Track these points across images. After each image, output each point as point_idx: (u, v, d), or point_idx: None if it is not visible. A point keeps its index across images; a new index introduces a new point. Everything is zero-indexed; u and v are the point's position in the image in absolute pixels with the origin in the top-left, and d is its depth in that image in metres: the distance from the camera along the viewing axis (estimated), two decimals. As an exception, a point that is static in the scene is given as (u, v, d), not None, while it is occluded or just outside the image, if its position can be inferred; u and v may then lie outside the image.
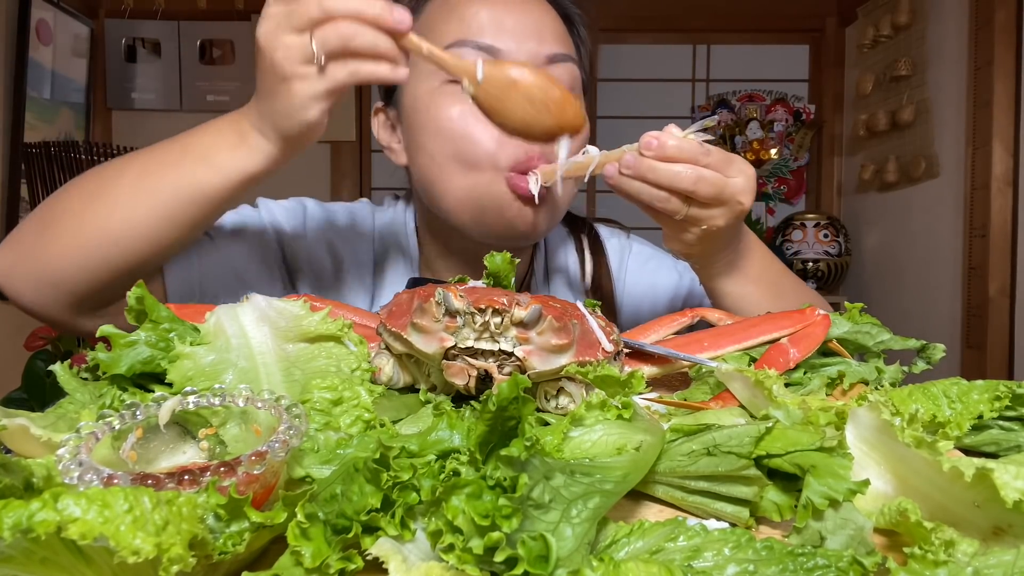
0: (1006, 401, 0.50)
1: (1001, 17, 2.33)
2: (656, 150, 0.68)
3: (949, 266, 2.62)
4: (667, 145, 0.67)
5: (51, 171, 2.52)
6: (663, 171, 0.68)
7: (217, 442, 0.43)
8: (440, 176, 0.87)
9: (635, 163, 0.69)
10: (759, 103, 3.54)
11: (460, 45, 0.84)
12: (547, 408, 0.56)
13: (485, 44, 0.84)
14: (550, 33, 0.88)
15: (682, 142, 0.68)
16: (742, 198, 0.71)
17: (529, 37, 0.86)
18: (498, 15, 0.86)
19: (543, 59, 0.86)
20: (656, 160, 0.68)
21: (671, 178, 0.68)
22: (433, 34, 0.87)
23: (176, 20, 3.29)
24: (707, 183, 0.69)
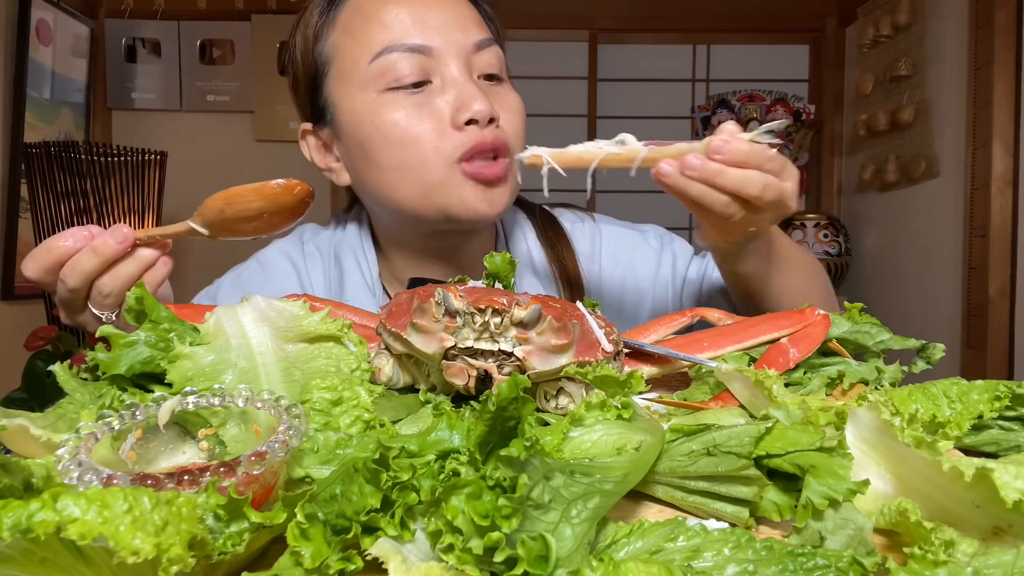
0: (1006, 401, 0.50)
1: (1001, 17, 2.33)
2: (727, 155, 0.65)
3: (949, 266, 2.62)
4: (737, 150, 0.65)
5: (51, 171, 2.52)
6: (731, 176, 0.65)
7: (217, 442, 0.43)
8: (396, 185, 0.87)
9: (701, 166, 0.65)
10: (759, 103, 3.54)
11: (390, 51, 0.84)
12: (547, 408, 0.56)
13: (416, 44, 0.84)
14: (470, 21, 0.88)
15: (750, 146, 0.65)
16: (790, 203, 0.70)
17: (453, 29, 0.86)
18: (419, 13, 0.86)
19: (471, 47, 0.87)
20: (725, 164, 0.65)
21: (739, 184, 0.65)
22: (356, 42, 0.86)
23: (176, 20, 3.29)
24: (772, 190, 0.67)
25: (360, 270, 0.97)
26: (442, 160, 0.84)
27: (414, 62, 0.84)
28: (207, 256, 2.54)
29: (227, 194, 0.71)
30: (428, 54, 0.85)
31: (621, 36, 3.46)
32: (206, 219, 0.71)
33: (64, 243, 0.70)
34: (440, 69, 0.85)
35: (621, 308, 1.01)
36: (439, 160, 0.84)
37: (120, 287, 0.71)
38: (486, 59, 0.88)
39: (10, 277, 2.70)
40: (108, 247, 0.69)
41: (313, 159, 0.96)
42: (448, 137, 0.83)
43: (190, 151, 3.18)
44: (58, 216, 2.55)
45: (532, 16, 3.26)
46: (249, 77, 3.32)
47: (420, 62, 0.84)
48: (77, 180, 2.54)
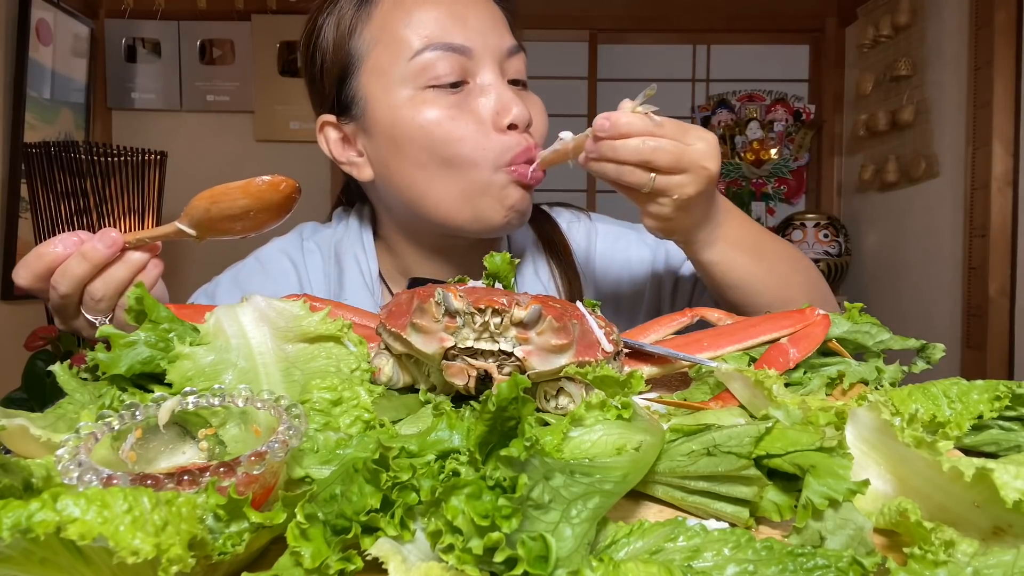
0: (1006, 401, 0.50)
1: (1001, 17, 2.33)
2: (609, 130, 0.70)
3: (949, 266, 2.62)
4: (619, 123, 0.70)
5: (51, 171, 2.52)
6: (621, 148, 0.70)
7: (216, 442, 0.43)
8: (430, 183, 0.87)
9: (596, 147, 0.72)
10: (759, 103, 3.54)
11: (431, 49, 0.84)
12: (547, 408, 0.56)
13: (455, 44, 0.85)
14: (503, 26, 0.90)
15: (632, 117, 0.70)
16: (706, 163, 0.72)
17: (489, 30, 0.87)
18: (459, 12, 0.87)
19: (505, 52, 0.88)
20: (611, 139, 0.70)
21: (629, 153, 0.70)
22: (394, 37, 0.86)
23: (176, 20, 3.29)
24: (664, 151, 0.70)
25: (359, 268, 0.97)
26: (488, 162, 0.85)
27: (453, 62, 0.85)
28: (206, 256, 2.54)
29: (212, 193, 0.70)
30: (467, 55, 0.85)
31: (621, 36, 3.46)
32: (193, 219, 0.71)
33: (54, 250, 0.70)
34: (478, 71, 0.86)
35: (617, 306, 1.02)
36: (485, 162, 0.85)
37: (112, 291, 0.71)
38: (515, 65, 0.90)
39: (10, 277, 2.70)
40: (97, 252, 0.69)
41: (331, 151, 0.95)
42: (492, 139, 0.84)
43: (190, 151, 3.18)
44: (58, 216, 2.55)
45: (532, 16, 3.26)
46: (249, 77, 3.32)
47: (459, 62, 0.85)
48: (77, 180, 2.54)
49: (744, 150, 3.53)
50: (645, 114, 0.70)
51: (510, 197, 0.87)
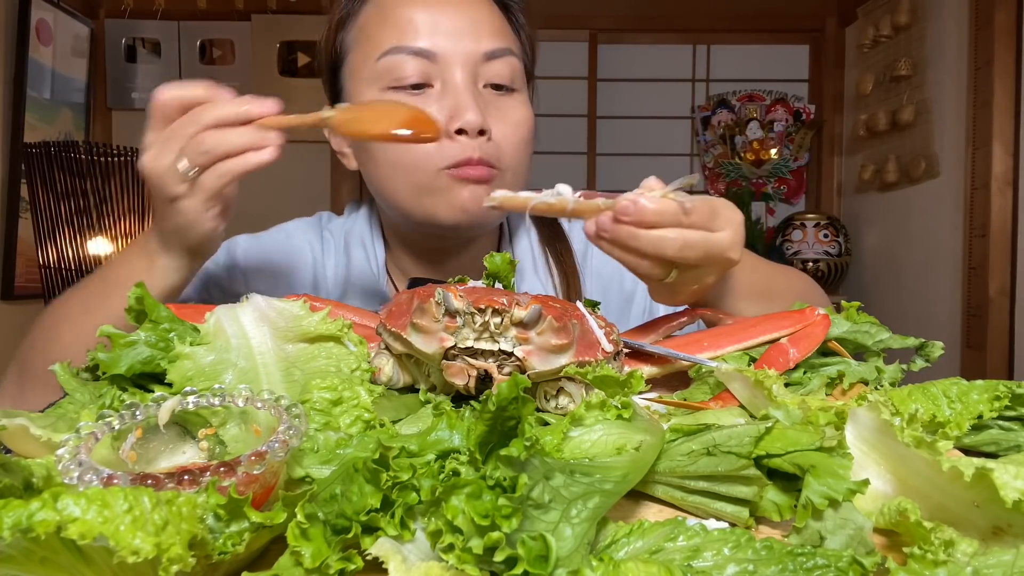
0: (1006, 401, 0.50)
1: (1001, 17, 2.33)
2: (634, 215, 0.59)
3: (949, 266, 2.62)
4: (646, 210, 0.59)
5: (51, 171, 2.52)
6: (645, 239, 0.60)
7: (217, 442, 0.43)
8: (388, 179, 0.89)
9: (613, 229, 0.60)
10: (759, 103, 3.54)
11: (395, 52, 0.86)
12: (547, 408, 0.56)
13: (420, 48, 0.85)
14: (486, 29, 0.88)
15: (662, 204, 0.59)
16: (731, 254, 0.64)
17: (464, 36, 0.87)
18: (432, 17, 0.86)
19: (480, 56, 0.87)
20: (635, 227, 0.60)
21: (654, 246, 0.60)
22: (369, 38, 0.88)
23: (176, 20, 3.29)
24: (693, 248, 0.61)
25: (367, 258, 0.99)
26: (431, 165, 0.85)
27: (417, 65, 0.85)
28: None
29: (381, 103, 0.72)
30: (432, 59, 0.86)
31: (621, 36, 3.46)
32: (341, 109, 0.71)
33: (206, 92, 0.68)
34: (443, 75, 0.86)
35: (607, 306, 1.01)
36: (428, 164, 0.85)
37: (221, 150, 0.67)
38: (495, 69, 0.88)
39: (10, 277, 2.70)
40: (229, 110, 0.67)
41: (331, 141, 0.98)
42: (439, 145, 0.84)
43: (190, 151, 3.18)
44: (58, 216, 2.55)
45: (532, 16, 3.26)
46: (249, 77, 3.32)
47: (423, 66, 0.86)
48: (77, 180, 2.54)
49: (744, 150, 3.53)
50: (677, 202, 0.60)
51: (458, 197, 0.86)
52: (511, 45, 0.91)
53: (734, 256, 0.64)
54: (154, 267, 0.75)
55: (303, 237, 1.02)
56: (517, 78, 0.91)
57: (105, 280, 0.79)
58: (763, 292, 0.82)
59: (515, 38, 0.94)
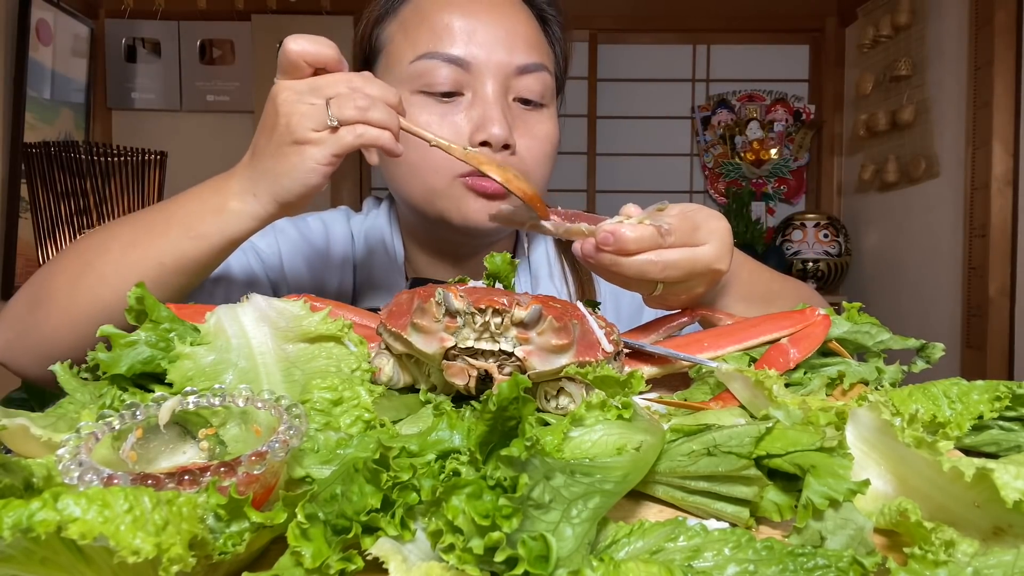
0: (1006, 401, 0.50)
1: (1001, 17, 2.33)
2: (614, 246, 0.63)
3: (949, 266, 2.62)
4: (625, 239, 0.62)
5: (51, 171, 2.52)
6: (627, 265, 0.63)
7: (217, 442, 0.43)
8: (405, 179, 0.90)
9: (596, 257, 0.64)
10: (759, 103, 3.54)
11: (429, 57, 0.86)
12: (547, 408, 0.56)
13: (454, 56, 0.85)
14: (522, 41, 0.88)
15: (640, 231, 0.62)
16: (716, 265, 0.66)
17: (499, 47, 0.86)
18: (469, 25, 0.86)
19: (513, 69, 0.87)
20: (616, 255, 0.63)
21: (636, 271, 0.64)
22: (406, 42, 0.88)
23: (176, 20, 3.29)
24: (676, 267, 0.64)
25: (387, 257, 0.99)
26: (449, 172, 0.86)
27: (450, 72, 0.86)
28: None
29: None
30: (466, 68, 0.86)
31: (621, 36, 3.46)
32: None
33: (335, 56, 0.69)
34: (474, 84, 0.86)
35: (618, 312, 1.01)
36: (446, 170, 0.86)
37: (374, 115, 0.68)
38: (526, 83, 0.88)
39: (10, 277, 2.70)
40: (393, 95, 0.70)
41: None
42: None
43: (190, 151, 3.18)
44: (58, 216, 2.55)
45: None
46: (249, 77, 3.32)
47: (456, 74, 0.86)
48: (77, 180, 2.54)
49: (744, 150, 3.53)
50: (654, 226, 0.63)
51: (469, 207, 0.87)
52: (545, 60, 0.91)
53: (720, 267, 0.66)
54: (226, 209, 0.72)
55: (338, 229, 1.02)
56: (547, 93, 0.91)
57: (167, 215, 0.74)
58: (762, 296, 0.82)
59: (549, 51, 0.93)
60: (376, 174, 3.40)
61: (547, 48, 0.93)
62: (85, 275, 0.74)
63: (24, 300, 0.79)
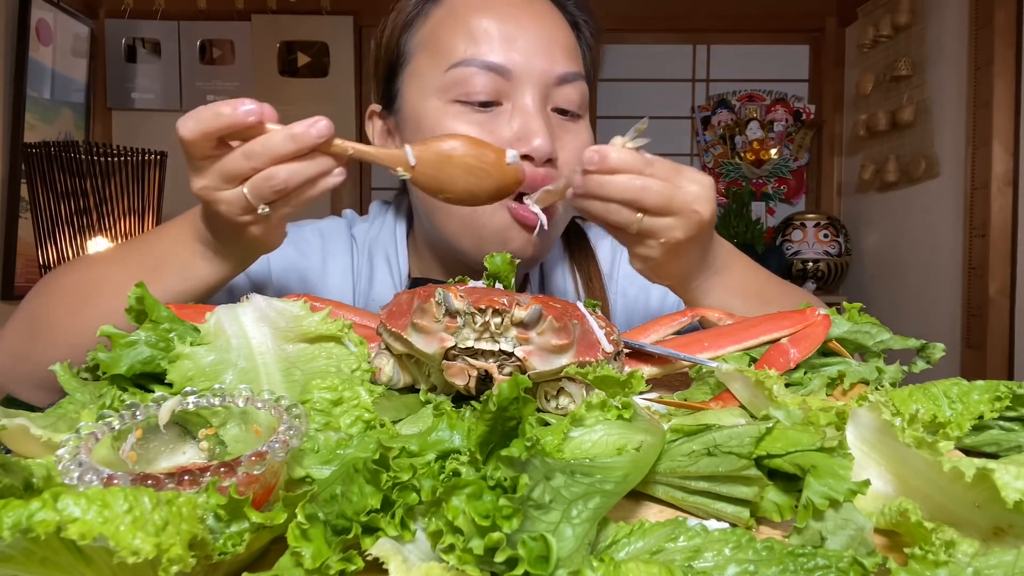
0: (1006, 401, 0.50)
1: (1001, 17, 2.33)
2: (598, 164, 0.66)
3: (949, 266, 2.62)
4: (608, 158, 0.66)
5: (51, 171, 2.52)
6: (608, 184, 0.66)
7: (217, 442, 0.43)
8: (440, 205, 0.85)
9: (582, 182, 0.67)
10: (759, 103, 3.54)
11: (467, 64, 0.82)
12: (547, 408, 0.56)
13: (494, 63, 0.82)
14: (561, 50, 0.85)
15: (623, 153, 0.66)
16: (697, 206, 0.68)
17: (539, 54, 0.83)
18: (508, 31, 0.82)
19: (554, 79, 0.84)
20: (600, 174, 0.66)
21: (616, 190, 0.67)
22: (439, 45, 0.84)
23: (176, 20, 3.29)
24: (652, 191, 0.66)
25: (391, 272, 0.97)
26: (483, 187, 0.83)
27: (489, 80, 0.82)
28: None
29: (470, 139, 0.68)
30: (506, 76, 0.82)
31: (621, 36, 3.46)
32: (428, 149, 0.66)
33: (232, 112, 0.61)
34: (514, 93, 0.83)
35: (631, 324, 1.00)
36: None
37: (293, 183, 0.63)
38: (566, 93, 0.86)
39: (10, 277, 2.70)
40: (308, 138, 0.62)
41: (375, 140, 0.95)
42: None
43: (190, 151, 3.18)
44: (58, 216, 2.55)
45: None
46: (249, 77, 3.32)
47: (495, 82, 0.82)
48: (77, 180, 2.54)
49: (744, 150, 3.53)
50: (636, 150, 0.67)
51: (513, 240, 0.84)
52: (581, 69, 0.88)
53: (701, 209, 0.68)
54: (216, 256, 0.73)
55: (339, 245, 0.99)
56: (584, 103, 0.88)
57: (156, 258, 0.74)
58: (757, 294, 0.81)
59: (582, 59, 0.90)
60: (376, 173, 3.40)
61: (580, 56, 0.90)
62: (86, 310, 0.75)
63: (22, 328, 0.79)
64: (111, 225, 2.60)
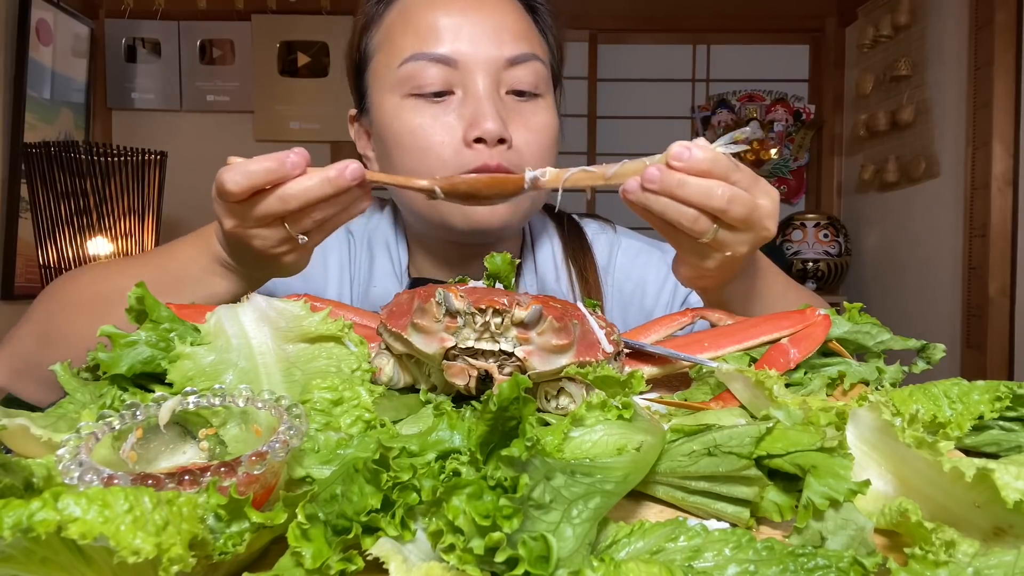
0: (1007, 402, 0.49)
1: (1001, 17, 2.33)
2: (687, 162, 0.59)
3: (949, 266, 2.62)
4: (699, 158, 0.59)
5: (51, 171, 2.52)
6: (694, 186, 0.60)
7: (217, 442, 0.43)
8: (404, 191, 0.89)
9: (661, 177, 0.60)
10: (759, 103, 3.54)
11: (416, 59, 0.85)
12: (547, 408, 0.56)
13: (441, 55, 0.84)
14: (509, 33, 0.87)
15: (715, 155, 0.60)
16: (768, 223, 0.64)
17: (486, 41, 0.85)
18: (454, 22, 0.85)
19: (503, 62, 0.86)
20: (686, 174, 0.60)
21: (703, 195, 0.60)
22: (392, 44, 0.87)
23: (176, 20, 3.29)
24: (740, 203, 0.61)
25: (391, 261, 0.99)
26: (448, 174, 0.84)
27: (438, 72, 0.84)
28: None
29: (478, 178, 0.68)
30: (454, 66, 0.85)
31: (621, 36, 3.46)
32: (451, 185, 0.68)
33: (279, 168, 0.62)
34: (464, 81, 0.85)
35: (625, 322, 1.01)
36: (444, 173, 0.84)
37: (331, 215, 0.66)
38: (518, 75, 0.87)
39: (10, 277, 2.70)
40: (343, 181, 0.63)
41: (356, 142, 0.98)
42: (458, 153, 0.83)
43: (190, 151, 3.18)
44: (58, 216, 2.55)
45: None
46: (249, 77, 3.32)
47: (444, 73, 0.85)
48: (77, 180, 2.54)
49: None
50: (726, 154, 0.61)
51: (475, 212, 0.86)
52: (535, 50, 0.89)
53: (771, 226, 0.64)
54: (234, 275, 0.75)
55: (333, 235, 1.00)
56: (541, 83, 0.90)
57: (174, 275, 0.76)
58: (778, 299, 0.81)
59: (541, 41, 0.92)
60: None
61: (538, 38, 0.92)
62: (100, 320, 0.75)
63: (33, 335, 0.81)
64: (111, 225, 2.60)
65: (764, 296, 0.81)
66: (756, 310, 0.79)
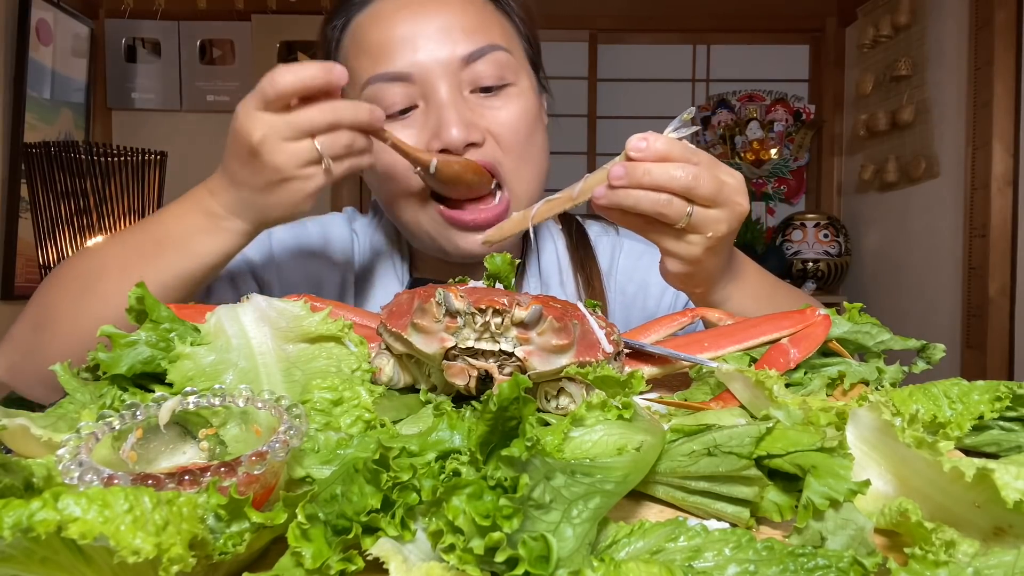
0: (1007, 402, 0.50)
1: (1001, 17, 2.33)
2: (646, 151, 0.62)
3: (949, 266, 2.62)
4: (656, 145, 0.63)
5: (51, 171, 2.52)
6: (658, 172, 0.63)
7: (217, 442, 0.43)
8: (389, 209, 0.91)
9: (627, 171, 0.63)
10: (759, 103, 3.54)
11: (374, 81, 0.84)
12: (547, 408, 0.56)
13: (395, 72, 0.83)
14: (460, 31, 0.84)
15: (670, 140, 0.64)
16: (739, 198, 0.66)
17: (437, 44, 0.83)
18: (402, 34, 0.83)
19: (458, 62, 0.83)
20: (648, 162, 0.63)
21: (669, 177, 0.63)
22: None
23: (176, 20, 3.29)
24: (705, 179, 0.63)
25: (392, 261, 0.99)
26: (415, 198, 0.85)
27: (398, 89, 0.83)
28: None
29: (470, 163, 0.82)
30: (410, 80, 0.83)
31: (621, 36, 3.46)
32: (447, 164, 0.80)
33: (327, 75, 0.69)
34: (425, 92, 0.83)
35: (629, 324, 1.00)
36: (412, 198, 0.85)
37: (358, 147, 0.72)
38: (479, 70, 0.84)
39: (10, 277, 2.70)
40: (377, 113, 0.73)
41: None
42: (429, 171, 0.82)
43: (190, 151, 3.18)
44: (58, 216, 2.55)
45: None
46: (249, 77, 3.32)
47: (404, 88, 0.83)
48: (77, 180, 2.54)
49: (744, 150, 3.53)
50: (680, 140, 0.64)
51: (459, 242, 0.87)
52: (494, 39, 0.86)
53: (742, 201, 0.67)
54: (217, 228, 0.74)
55: (338, 233, 1.01)
56: (508, 71, 0.87)
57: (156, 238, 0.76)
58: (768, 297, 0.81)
59: (504, 25, 0.89)
60: (376, 174, 3.40)
61: (500, 26, 0.88)
62: (86, 298, 0.75)
63: (27, 323, 0.80)
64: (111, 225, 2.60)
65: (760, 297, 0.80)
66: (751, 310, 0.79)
